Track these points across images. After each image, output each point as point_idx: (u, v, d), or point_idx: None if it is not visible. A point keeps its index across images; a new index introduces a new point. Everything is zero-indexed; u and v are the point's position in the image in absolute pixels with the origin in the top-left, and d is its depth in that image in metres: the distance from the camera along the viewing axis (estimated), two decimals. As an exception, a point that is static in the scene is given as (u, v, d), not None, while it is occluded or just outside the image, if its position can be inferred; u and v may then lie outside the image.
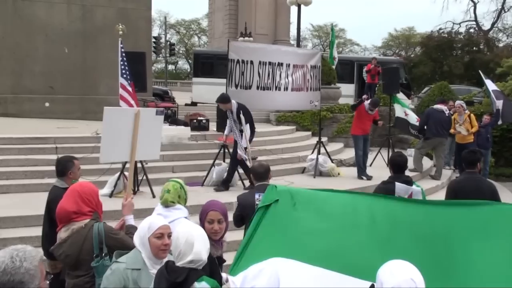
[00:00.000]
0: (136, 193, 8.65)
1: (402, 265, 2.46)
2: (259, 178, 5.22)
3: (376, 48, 67.59)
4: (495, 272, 3.03)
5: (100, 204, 4.12)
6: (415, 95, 29.62)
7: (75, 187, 4.06)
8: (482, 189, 5.52)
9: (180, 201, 4.45)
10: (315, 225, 3.48)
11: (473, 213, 3.38)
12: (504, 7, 49.71)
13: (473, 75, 40.94)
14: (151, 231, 3.28)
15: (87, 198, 3.94)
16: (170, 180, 4.61)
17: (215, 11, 38.13)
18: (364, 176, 10.97)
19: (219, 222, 4.05)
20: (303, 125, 16.00)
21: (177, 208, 4.39)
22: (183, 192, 4.48)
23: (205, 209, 4.09)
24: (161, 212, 4.39)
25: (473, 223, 3.29)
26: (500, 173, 16.50)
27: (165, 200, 4.39)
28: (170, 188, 4.44)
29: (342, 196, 3.83)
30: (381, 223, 3.43)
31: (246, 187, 9.19)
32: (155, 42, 36.78)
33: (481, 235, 3.21)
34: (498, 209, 3.46)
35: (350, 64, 25.56)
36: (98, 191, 4.15)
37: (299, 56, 11.70)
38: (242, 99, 10.12)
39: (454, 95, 17.39)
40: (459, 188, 5.60)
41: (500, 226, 3.25)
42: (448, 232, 3.28)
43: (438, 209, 3.54)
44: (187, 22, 70.00)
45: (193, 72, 25.80)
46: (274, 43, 29.56)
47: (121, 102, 8.45)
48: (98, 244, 3.75)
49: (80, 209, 3.89)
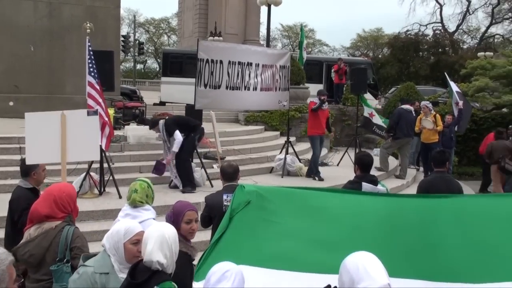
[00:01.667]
0: (102, 193, 8.57)
1: (364, 257, 2.47)
2: (228, 179, 5.22)
3: (344, 48, 68.31)
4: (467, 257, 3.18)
5: (76, 209, 4.03)
6: (382, 95, 30.03)
7: (53, 190, 3.93)
8: (451, 188, 5.67)
9: (148, 200, 4.45)
10: (284, 226, 3.50)
11: (443, 204, 3.51)
12: (469, 10, 50.87)
13: (438, 76, 41.75)
14: (127, 237, 3.22)
15: (63, 204, 3.84)
16: (137, 179, 4.59)
17: (185, 10, 37.92)
18: (317, 177, 11.07)
19: (196, 221, 4.05)
20: (271, 125, 16.06)
21: (146, 209, 4.38)
22: (150, 191, 4.47)
23: (181, 210, 3.98)
24: (129, 213, 4.36)
25: (444, 213, 3.41)
26: (463, 172, 16.88)
27: (133, 200, 4.36)
28: (138, 188, 4.41)
29: (311, 193, 3.86)
30: (351, 217, 3.49)
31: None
32: (123, 41, 36.35)
33: (452, 224, 3.34)
34: (466, 201, 3.70)
35: (319, 64, 25.75)
36: (76, 195, 4.07)
37: (269, 56, 11.74)
38: (211, 98, 10.13)
39: (420, 95, 17.74)
40: (430, 187, 5.71)
41: (469, 214, 3.40)
42: (419, 223, 3.38)
43: (407, 201, 3.66)
44: (156, 21, 69.47)
45: (162, 72, 25.61)
46: (244, 42, 29.56)
47: (89, 100, 8.34)
48: (63, 248, 3.67)
49: (53, 214, 3.80)
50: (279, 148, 12.34)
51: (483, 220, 3.37)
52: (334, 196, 3.81)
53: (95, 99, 8.31)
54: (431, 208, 3.48)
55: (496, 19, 50.55)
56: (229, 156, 11.35)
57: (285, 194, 3.79)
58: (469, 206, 3.56)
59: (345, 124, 18.33)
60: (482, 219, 3.37)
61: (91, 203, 8.01)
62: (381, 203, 3.67)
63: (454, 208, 3.47)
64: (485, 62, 21.09)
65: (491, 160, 12.26)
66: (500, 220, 3.35)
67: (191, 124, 9.66)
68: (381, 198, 3.89)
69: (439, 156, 6.08)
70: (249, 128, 15.41)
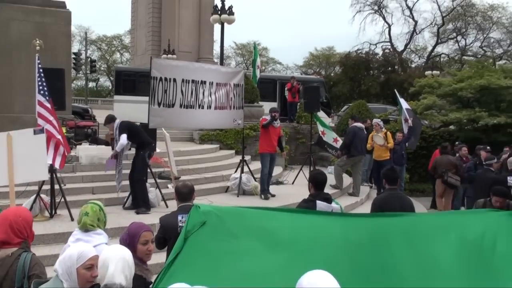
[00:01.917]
0: (53, 216, 8.31)
1: (320, 276, 2.51)
2: (183, 199, 5.16)
3: (297, 67, 69.32)
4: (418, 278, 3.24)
5: (33, 234, 3.86)
6: (335, 113, 30.54)
7: (8, 215, 3.76)
8: (404, 205, 5.79)
9: (100, 224, 4.30)
10: (240, 246, 3.48)
11: (396, 224, 3.58)
12: (416, 30, 52.70)
13: (388, 94, 42.90)
14: (80, 262, 3.11)
15: (19, 229, 3.68)
16: (89, 202, 4.45)
17: (138, 27, 37.68)
18: (263, 195, 11.08)
19: (152, 242, 3.96)
20: (226, 143, 16.05)
21: (97, 233, 4.23)
22: (102, 214, 4.33)
23: (137, 231, 3.92)
24: (80, 237, 4.21)
25: (397, 233, 3.48)
26: (414, 188, 17.32)
27: (84, 224, 4.22)
28: (89, 211, 4.27)
29: (266, 213, 3.87)
30: (306, 238, 3.50)
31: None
32: (75, 58, 35.70)
33: (404, 244, 3.40)
34: (418, 220, 3.76)
35: (273, 82, 26.00)
36: (32, 220, 3.92)
37: (222, 74, 11.76)
38: (165, 117, 10.04)
39: (371, 113, 18.15)
40: (384, 204, 5.80)
41: (420, 233, 3.48)
42: (372, 243, 3.43)
43: (360, 221, 3.70)
44: (108, 38, 68.52)
45: (114, 90, 25.27)
46: (198, 60, 29.56)
47: (39, 120, 8.11)
48: (21, 276, 3.52)
49: (9, 240, 3.63)
50: (234, 167, 12.32)
51: (434, 239, 3.46)
52: (289, 216, 3.83)
53: (45, 118, 8.10)
54: (384, 228, 3.55)
55: (441, 39, 52.56)
56: (184, 175, 11.24)
57: (240, 214, 3.78)
58: (420, 225, 3.64)
59: (299, 142, 18.52)
60: (433, 239, 3.46)
61: (42, 226, 7.74)
62: (335, 223, 3.71)
63: (406, 228, 3.55)
64: (432, 81, 21.84)
65: (435, 175, 12.71)
66: (451, 239, 3.45)
67: (141, 138, 9.47)
68: (335, 218, 3.93)
69: (391, 174, 6.20)
70: (204, 147, 15.35)
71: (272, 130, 11.26)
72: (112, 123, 9.47)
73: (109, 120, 9.58)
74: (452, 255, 3.36)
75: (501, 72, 20.14)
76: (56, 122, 8.26)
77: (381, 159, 13.13)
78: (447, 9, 50.92)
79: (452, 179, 12.17)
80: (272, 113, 11.33)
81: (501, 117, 17.53)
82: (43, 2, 13.97)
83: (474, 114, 17.87)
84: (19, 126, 10.56)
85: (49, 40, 12.58)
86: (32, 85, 8.90)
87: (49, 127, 8.04)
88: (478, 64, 24.07)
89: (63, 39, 14.31)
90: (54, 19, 14.10)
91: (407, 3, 51.65)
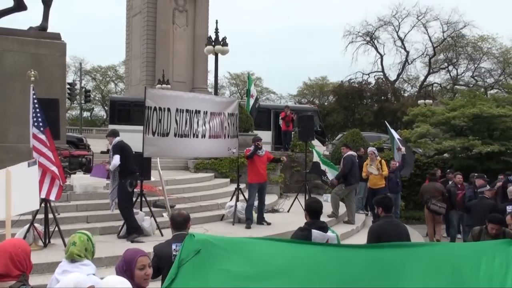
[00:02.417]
0: (47, 245, 8.23)
1: None
2: (177, 228, 5.13)
3: (291, 96, 69.92)
4: None
5: (31, 266, 3.78)
6: (330, 141, 30.66)
7: (7, 247, 3.65)
8: (400, 232, 5.78)
9: (88, 254, 4.17)
10: (234, 274, 3.46)
11: (391, 255, 3.57)
12: (408, 60, 53.37)
13: (382, 122, 43.04)
14: None
15: (19, 260, 3.59)
16: (77, 232, 4.36)
17: (132, 58, 37.99)
18: (245, 224, 10.84)
19: (149, 267, 3.90)
20: (221, 172, 16.04)
21: (84, 264, 4.07)
22: (90, 244, 4.20)
23: (133, 256, 3.84)
24: (67, 269, 4.05)
25: (393, 264, 3.46)
26: (410, 216, 17.30)
27: (71, 254, 4.08)
28: (76, 241, 4.14)
29: (262, 243, 3.85)
30: (300, 269, 3.49)
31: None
32: (69, 89, 35.85)
33: (400, 275, 3.40)
34: (412, 250, 3.71)
35: (267, 111, 26.14)
36: (30, 251, 3.85)
37: (217, 104, 11.82)
38: (159, 146, 10.04)
39: (365, 141, 18.24)
40: (381, 232, 5.78)
41: (415, 265, 3.46)
42: (367, 275, 3.41)
43: (356, 253, 3.68)
44: (103, 68, 69.02)
45: (109, 119, 25.34)
46: (192, 90, 29.79)
47: (34, 153, 8.06)
48: None
49: (8, 272, 3.53)
50: (230, 195, 12.28)
51: (429, 271, 3.45)
52: (285, 246, 3.81)
53: (39, 151, 8.05)
54: (380, 260, 3.53)
55: (433, 68, 53.23)
56: (179, 204, 11.19)
57: (236, 243, 3.77)
58: (415, 257, 3.61)
59: (294, 170, 18.52)
60: (428, 271, 3.45)
61: (35, 255, 7.61)
62: (330, 254, 3.69)
63: (402, 259, 3.53)
64: (425, 110, 22.04)
65: (422, 202, 12.81)
66: (447, 270, 3.45)
67: (126, 165, 9.25)
68: (330, 249, 3.92)
69: (387, 202, 6.19)
70: (199, 175, 15.33)
71: (257, 159, 11.09)
72: (112, 137, 9.54)
73: (111, 134, 9.73)
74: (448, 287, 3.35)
75: (493, 101, 20.37)
76: (51, 153, 8.21)
77: (377, 187, 13.14)
78: (438, 40, 51.73)
79: (436, 206, 12.39)
80: (255, 142, 11.21)
81: (494, 145, 17.66)
82: (38, 33, 14.08)
83: (467, 142, 17.99)
84: (13, 156, 10.53)
85: (44, 71, 12.64)
86: (26, 115, 8.90)
87: (43, 160, 7.98)
88: (470, 94, 24.37)
89: (58, 70, 14.38)
90: (49, 50, 14.19)
91: (398, 34, 52.50)
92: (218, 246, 3.63)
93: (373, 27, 52.28)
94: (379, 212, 6.06)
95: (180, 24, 35.05)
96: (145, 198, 9.90)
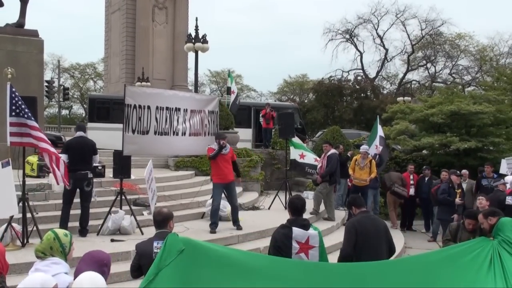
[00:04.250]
0: (25, 245, 8.13)
1: None
2: (158, 226, 5.14)
3: (272, 93, 69.91)
4: None
5: (7, 266, 3.74)
6: (310, 139, 30.78)
7: None
8: (378, 227, 5.82)
9: (54, 253, 3.99)
10: (220, 274, 3.48)
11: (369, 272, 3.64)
12: (387, 57, 53.80)
13: (361, 120, 43.49)
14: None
15: None
16: (52, 230, 4.28)
17: (111, 55, 37.64)
18: (210, 228, 9.91)
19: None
20: (201, 170, 16.00)
21: (55, 263, 3.93)
22: (57, 244, 4.01)
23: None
24: (38, 267, 3.92)
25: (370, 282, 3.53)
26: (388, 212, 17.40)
27: (35, 251, 3.98)
28: (44, 239, 4.04)
29: (241, 255, 3.87)
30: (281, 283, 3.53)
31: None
32: (47, 86, 35.42)
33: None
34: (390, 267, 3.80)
35: (248, 109, 26.15)
36: (4, 251, 3.79)
37: (197, 101, 11.80)
38: (139, 144, 10.00)
39: (345, 139, 18.36)
40: (358, 225, 5.79)
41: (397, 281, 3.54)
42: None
43: (333, 268, 3.75)
44: (82, 66, 68.20)
45: (88, 117, 25.09)
46: (172, 88, 29.63)
47: (34, 141, 7.89)
48: None
49: None
50: (210, 193, 12.23)
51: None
52: (264, 259, 3.84)
53: (39, 138, 7.94)
54: (358, 277, 3.60)
55: (412, 66, 53.75)
56: (160, 202, 11.14)
57: (217, 248, 3.80)
58: (395, 272, 3.68)
59: (275, 168, 18.57)
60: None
61: (13, 255, 7.54)
62: (311, 268, 3.75)
63: (379, 277, 3.60)
64: (404, 107, 22.24)
65: (385, 189, 14.36)
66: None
67: (70, 162, 8.84)
68: (311, 265, 3.97)
69: (355, 199, 6.27)
70: (179, 173, 15.28)
71: (221, 158, 10.16)
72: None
73: (76, 129, 9.83)
74: None
75: (470, 98, 20.63)
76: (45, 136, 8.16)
77: (361, 185, 13.26)
78: (416, 38, 52.24)
79: (399, 189, 13.82)
80: (218, 141, 10.21)
81: (471, 141, 17.90)
82: (15, 30, 13.89)
83: (445, 139, 18.21)
84: None
85: (21, 68, 12.48)
86: (3, 113, 8.75)
87: (44, 144, 7.91)
88: (448, 91, 24.65)
89: (36, 67, 14.21)
90: (26, 47, 14.01)
91: (377, 32, 52.85)
92: (202, 246, 3.64)
93: (352, 24, 52.58)
94: (354, 211, 6.09)
95: (160, 22, 34.82)
96: (124, 196, 9.84)
